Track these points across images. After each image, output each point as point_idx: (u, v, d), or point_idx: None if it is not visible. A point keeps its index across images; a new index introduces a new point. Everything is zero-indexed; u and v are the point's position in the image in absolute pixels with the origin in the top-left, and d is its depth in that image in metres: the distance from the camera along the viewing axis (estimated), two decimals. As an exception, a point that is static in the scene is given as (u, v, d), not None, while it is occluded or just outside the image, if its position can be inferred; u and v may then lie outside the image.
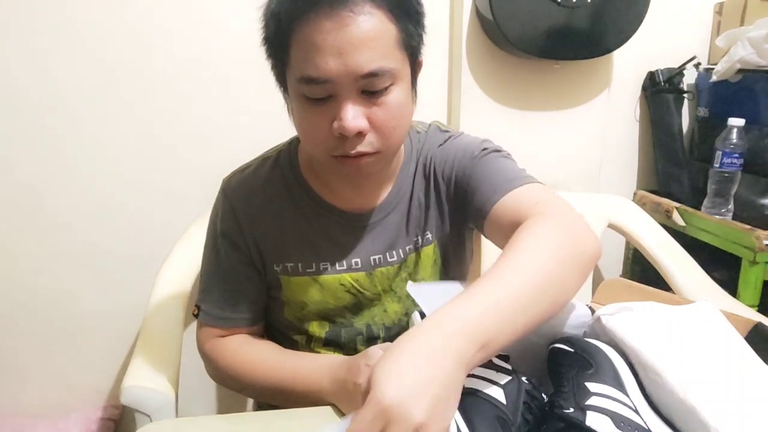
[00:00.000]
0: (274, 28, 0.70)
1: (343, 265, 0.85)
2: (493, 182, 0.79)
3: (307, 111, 0.71)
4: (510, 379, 0.60)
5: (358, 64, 0.67)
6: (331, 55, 0.66)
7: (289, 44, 0.69)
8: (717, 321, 0.67)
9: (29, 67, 1.36)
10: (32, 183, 1.42)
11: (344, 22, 0.65)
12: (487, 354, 0.55)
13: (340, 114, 0.69)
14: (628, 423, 0.53)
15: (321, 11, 0.65)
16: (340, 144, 0.71)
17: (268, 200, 0.84)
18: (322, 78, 0.67)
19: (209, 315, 0.87)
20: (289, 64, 0.70)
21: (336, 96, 0.69)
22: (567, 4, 1.44)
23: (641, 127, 1.75)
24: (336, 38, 0.65)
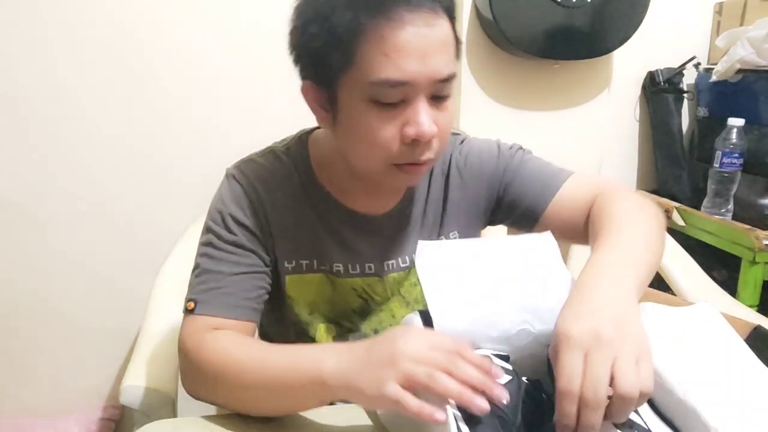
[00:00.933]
0: (336, 25, 0.64)
1: (357, 269, 0.83)
2: (539, 181, 0.83)
3: (374, 116, 0.67)
4: (510, 379, 0.60)
5: (438, 68, 0.65)
6: (415, 57, 0.64)
7: (357, 44, 0.64)
8: (717, 323, 0.67)
9: (27, 67, 1.36)
10: (31, 184, 1.42)
11: (429, 22, 0.64)
12: (638, 283, 0.62)
13: (417, 119, 0.66)
14: (628, 423, 0.53)
15: (405, 12, 0.63)
16: (408, 151, 0.69)
17: (283, 195, 0.80)
18: (404, 81, 0.64)
19: (210, 304, 0.75)
20: (354, 67, 0.65)
21: (410, 100, 0.66)
22: (567, 3, 1.44)
23: (641, 127, 1.75)
24: (421, 41, 0.64)
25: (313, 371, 0.62)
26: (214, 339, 0.73)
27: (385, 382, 0.56)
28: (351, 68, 0.66)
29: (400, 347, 0.57)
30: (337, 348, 0.64)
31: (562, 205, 0.81)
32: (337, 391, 0.61)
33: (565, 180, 0.83)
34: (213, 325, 0.75)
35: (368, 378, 0.58)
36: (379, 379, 0.57)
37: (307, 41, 0.68)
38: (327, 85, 0.69)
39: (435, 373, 0.55)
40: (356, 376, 0.59)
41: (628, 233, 0.68)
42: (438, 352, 0.56)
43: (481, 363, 0.57)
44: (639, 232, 0.69)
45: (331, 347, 0.65)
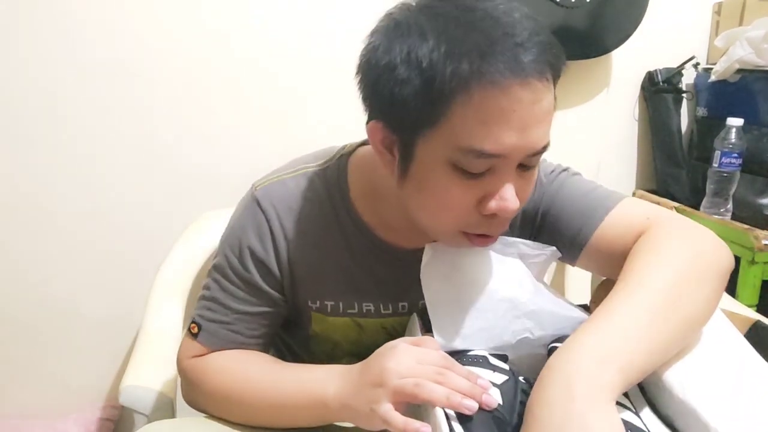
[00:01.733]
0: (433, 77, 0.55)
1: (389, 308, 0.77)
2: (583, 208, 0.73)
3: (454, 182, 0.59)
4: (506, 379, 0.60)
5: (535, 141, 0.58)
6: (516, 129, 0.56)
7: (453, 103, 0.55)
8: (717, 320, 0.67)
9: (27, 66, 1.36)
10: (31, 184, 1.41)
11: (538, 95, 0.56)
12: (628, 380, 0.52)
13: (503, 194, 0.58)
14: (629, 426, 0.53)
15: (518, 77, 0.54)
16: (483, 222, 0.61)
17: (312, 224, 0.73)
18: (498, 154, 0.56)
19: (213, 336, 0.74)
20: (441, 126, 0.56)
21: (496, 171, 0.58)
22: (565, 3, 1.44)
23: (640, 127, 1.75)
24: (525, 111, 0.55)
25: (318, 397, 0.64)
26: (214, 359, 0.74)
27: (376, 402, 0.58)
28: (439, 126, 0.57)
29: (388, 366, 0.58)
30: (339, 371, 0.65)
31: (608, 236, 0.70)
32: (338, 414, 0.63)
33: (611, 208, 0.71)
34: (208, 351, 0.75)
35: (362, 400, 0.59)
36: (371, 400, 0.58)
37: (392, 83, 0.57)
38: (404, 133, 0.60)
39: (421, 381, 0.56)
40: (352, 398, 0.61)
41: (641, 296, 0.57)
42: (425, 365, 0.58)
43: (469, 374, 0.58)
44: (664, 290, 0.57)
45: (334, 372, 0.66)
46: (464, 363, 0.61)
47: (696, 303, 0.59)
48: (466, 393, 0.55)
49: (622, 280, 0.60)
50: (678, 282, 0.58)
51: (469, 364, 0.61)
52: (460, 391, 0.55)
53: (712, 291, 0.61)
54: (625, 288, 0.58)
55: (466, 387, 0.55)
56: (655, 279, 0.58)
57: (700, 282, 0.60)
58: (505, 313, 0.67)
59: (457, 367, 0.59)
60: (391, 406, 0.57)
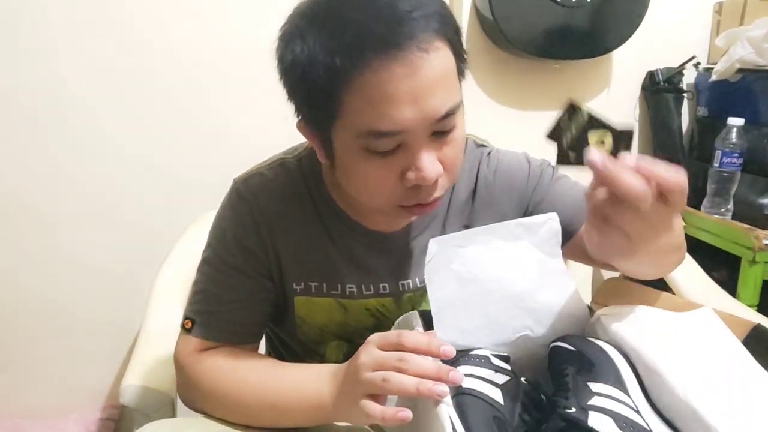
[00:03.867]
0: (316, 75, 0.59)
1: (371, 289, 0.79)
2: (571, 204, 0.78)
3: (370, 165, 0.62)
4: (508, 379, 0.60)
5: (433, 109, 0.59)
6: (406, 103, 0.58)
7: (342, 94, 0.58)
8: (717, 327, 0.68)
9: (27, 67, 1.36)
10: (30, 183, 1.42)
11: (417, 64, 0.57)
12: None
13: (418, 164, 0.61)
14: (630, 424, 0.53)
15: (389, 55, 0.56)
16: (413, 194, 0.64)
17: (292, 211, 0.76)
18: (396, 131, 0.59)
19: (206, 327, 0.75)
20: (342, 116, 0.60)
21: (407, 145, 0.61)
22: (566, 3, 1.44)
23: (641, 127, 1.75)
24: (410, 85, 0.57)
25: (314, 400, 0.66)
26: (211, 356, 0.74)
27: (357, 399, 0.59)
28: (340, 118, 0.61)
29: (358, 362, 0.60)
30: (332, 372, 0.66)
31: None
32: (334, 415, 0.65)
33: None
34: (210, 347, 0.76)
35: (347, 399, 0.61)
36: (352, 398, 0.60)
37: (293, 86, 0.63)
38: (319, 129, 0.65)
39: (389, 375, 0.57)
40: (341, 398, 0.63)
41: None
42: (387, 355, 0.59)
43: (429, 344, 0.58)
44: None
45: (326, 373, 0.67)
46: (466, 363, 0.61)
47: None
48: (432, 376, 0.56)
49: None
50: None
51: (470, 364, 0.61)
52: (426, 374, 0.56)
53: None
54: None
55: (432, 369, 0.56)
56: None
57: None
58: (506, 310, 0.67)
59: (411, 337, 0.59)
60: (369, 401, 0.58)
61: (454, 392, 0.58)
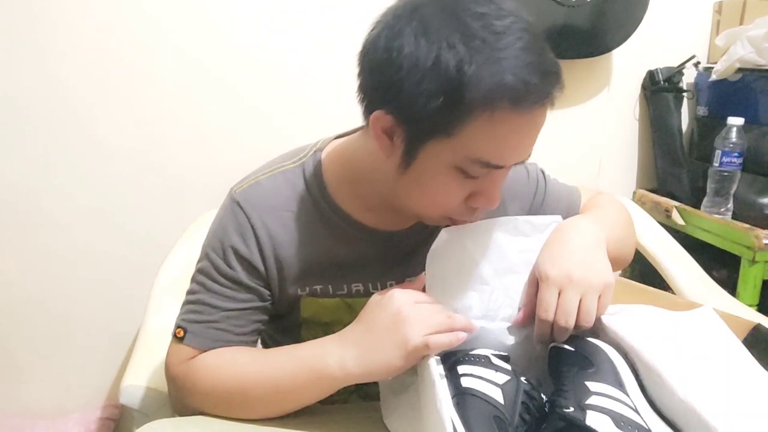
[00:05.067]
0: (455, 95, 0.58)
1: (377, 287, 0.79)
2: (565, 202, 0.89)
3: (453, 182, 0.65)
4: (508, 379, 0.60)
5: (527, 156, 0.66)
6: (519, 147, 0.64)
7: (470, 119, 0.59)
8: (717, 327, 0.68)
9: (26, 66, 1.36)
10: (30, 183, 1.42)
11: (541, 120, 0.63)
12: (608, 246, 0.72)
13: (491, 194, 0.67)
14: (629, 423, 0.53)
15: (532, 104, 0.60)
16: (467, 212, 0.69)
17: (293, 219, 0.76)
18: (500, 165, 0.63)
19: (200, 337, 0.74)
20: (454, 137, 0.60)
21: (490, 176, 0.65)
22: (566, 3, 1.44)
23: (641, 126, 1.75)
24: (529, 133, 0.63)
25: (319, 372, 0.65)
26: (205, 358, 0.73)
27: (407, 342, 0.62)
28: (454, 136, 0.61)
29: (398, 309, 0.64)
30: (333, 340, 0.68)
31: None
32: (349, 380, 0.65)
33: (579, 197, 0.91)
34: (197, 354, 0.75)
35: (392, 348, 0.63)
36: (401, 342, 0.62)
37: (416, 92, 0.59)
38: (415, 133, 0.63)
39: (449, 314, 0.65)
40: (375, 356, 0.64)
41: (606, 210, 0.83)
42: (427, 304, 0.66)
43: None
44: (615, 215, 0.83)
45: (327, 343, 0.68)
46: (466, 363, 0.61)
47: (630, 227, 0.88)
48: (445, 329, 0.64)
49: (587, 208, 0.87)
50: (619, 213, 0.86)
51: (470, 363, 0.61)
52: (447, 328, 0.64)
53: (632, 227, 0.89)
54: (593, 209, 0.85)
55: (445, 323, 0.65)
56: (609, 210, 0.84)
57: (627, 217, 0.88)
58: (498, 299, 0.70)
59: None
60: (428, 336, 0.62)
61: (455, 392, 0.58)
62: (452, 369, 0.61)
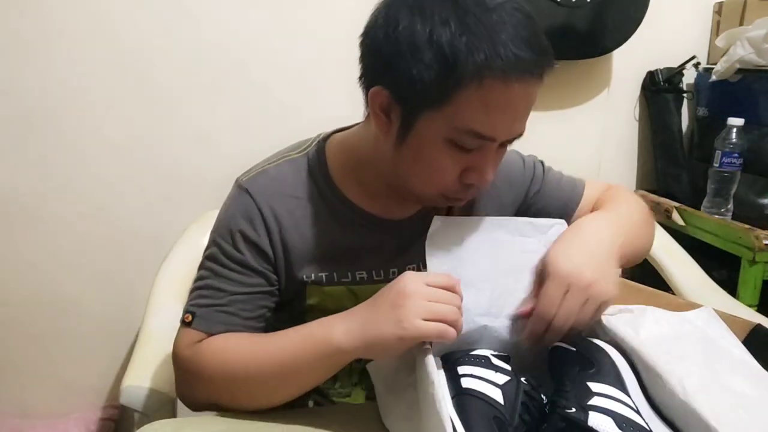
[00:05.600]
0: (455, 67, 0.61)
1: (381, 275, 0.81)
2: (564, 192, 0.89)
3: (444, 155, 0.67)
4: (508, 379, 0.60)
5: (519, 129, 0.68)
6: (510, 119, 0.66)
7: (461, 90, 0.62)
8: (717, 327, 0.68)
9: (26, 66, 1.36)
10: (30, 183, 1.42)
11: (532, 91, 0.65)
12: (623, 251, 0.73)
13: (483, 169, 0.69)
14: (630, 424, 0.53)
15: (522, 78, 0.62)
16: (462, 189, 0.71)
17: (299, 206, 0.78)
18: (493, 137, 0.66)
19: (207, 320, 0.74)
20: (446, 107, 0.64)
21: (483, 149, 0.67)
22: (566, 3, 1.44)
23: (641, 127, 1.75)
24: (519, 104, 0.65)
25: (325, 344, 0.66)
26: (209, 343, 0.73)
27: (406, 320, 0.61)
28: (446, 108, 0.64)
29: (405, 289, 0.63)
30: (340, 316, 0.68)
31: (585, 210, 0.87)
32: (354, 352, 0.65)
33: (583, 188, 0.90)
34: (204, 338, 0.75)
35: (388, 324, 0.63)
36: (398, 321, 0.62)
37: (411, 63, 0.63)
38: (409, 107, 0.66)
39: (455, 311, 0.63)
40: (373, 329, 0.64)
41: (625, 209, 0.81)
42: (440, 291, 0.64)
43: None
44: (634, 214, 0.82)
45: (332, 319, 0.68)
46: (466, 363, 0.61)
47: (649, 227, 0.87)
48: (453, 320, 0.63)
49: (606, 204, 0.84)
50: (638, 212, 0.84)
51: (470, 364, 0.61)
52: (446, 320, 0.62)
53: (653, 225, 0.90)
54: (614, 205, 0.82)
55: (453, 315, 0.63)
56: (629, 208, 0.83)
57: (647, 217, 0.87)
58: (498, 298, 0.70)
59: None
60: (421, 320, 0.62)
61: (455, 392, 0.58)
62: (452, 369, 0.61)
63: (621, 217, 0.79)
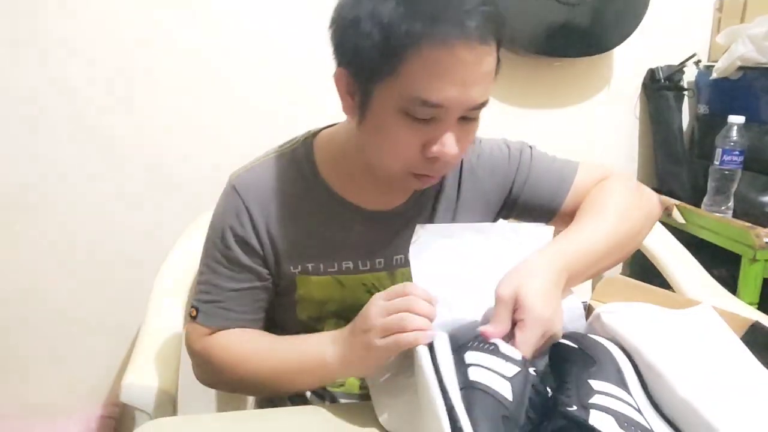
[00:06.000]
0: (391, 34, 0.64)
1: (366, 265, 0.83)
2: (553, 178, 0.87)
3: (403, 127, 0.68)
4: (518, 371, 0.58)
5: (474, 97, 0.67)
6: (457, 84, 0.65)
7: (405, 58, 0.64)
8: (716, 324, 0.67)
9: (28, 65, 1.36)
10: (31, 183, 1.42)
11: (479, 57, 0.65)
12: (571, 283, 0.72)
13: (443, 140, 0.69)
14: (632, 423, 0.53)
15: (460, 39, 0.63)
16: (427, 164, 0.71)
17: (286, 199, 0.81)
18: (441, 104, 0.66)
19: (210, 315, 0.81)
20: (396, 77, 0.66)
21: (439, 120, 0.68)
22: (567, 1, 1.44)
23: (641, 125, 1.75)
24: (465, 70, 0.65)
25: (317, 360, 0.72)
26: (220, 337, 0.81)
27: (371, 343, 0.66)
28: (393, 77, 0.66)
29: (368, 312, 0.67)
30: (331, 336, 0.73)
31: (577, 197, 0.85)
32: (339, 371, 0.71)
33: (575, 172, 0.87)
34: (212, 332, 0.82)
35: (358, 349, 0.68)
36: (366, 345, 0.66)
37: (356, 37, 0.66)
38: (364, 82, 0.69)
39: (404, 316, 0.64)
40: (350, 353, 0.69)
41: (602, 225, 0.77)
42: (394, 300, 0.66)
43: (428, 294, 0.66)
44: (613, 226, 0.77)
45: (326, 337, 0.74)
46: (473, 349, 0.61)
47: (636, 237, 0.82)
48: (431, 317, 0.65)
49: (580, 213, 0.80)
50: (624, 221, 0.79)
51: (478, 350, 0.61)
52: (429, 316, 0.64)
53: (647, 228, 0.84)
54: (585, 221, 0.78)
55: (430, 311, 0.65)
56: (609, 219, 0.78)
57: (639, 222, 0.82)
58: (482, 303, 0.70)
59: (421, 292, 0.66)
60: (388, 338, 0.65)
61: (462, 383, 0.57)
62: (459, 355, 0.60)
63: (583, 237, 0.75)
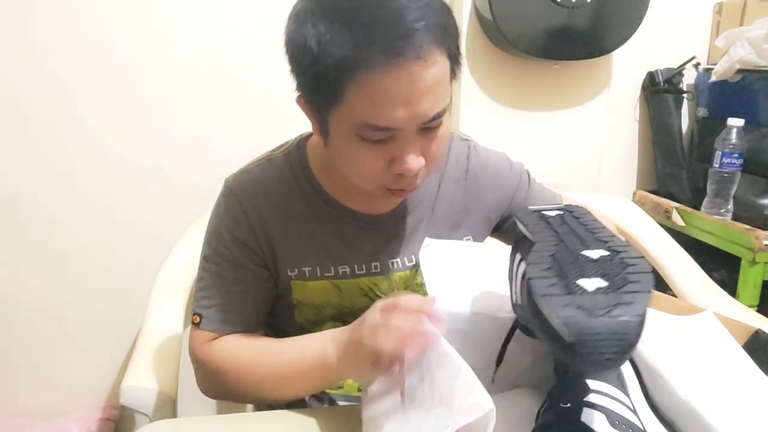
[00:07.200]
0: (327, 64, 0.62)
1: (363, 269, 0.83)
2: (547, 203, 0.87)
3: (362, 151, 0.68)
4: None
5: (424, 113, 0.65)
6: (401, 105, 0.63)
7: (345, 86, 0.63)
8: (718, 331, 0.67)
9: (26, 67, 1.36)
10: (30, 184, 1.42)
11: (416, 73, 0.62)
12: None
13: (403, 157, 0.67)
14: (624, 422, 0.53)
15: (393, 62, 0.61)
16: (397, 180, 0.70)
17: (281, 202, 0.80)
18: (389, 127, 0.65)
19: (212, 320, 0.80)
20: (342, 105, 0.65)
21: (396, 138, 0.66)
22: (566, 4, 1.44)
23: (641, 128, 1.75)
24: (408, 90, 0.63)
25: (320, 361, 0.70)
26: (223, 342, 0.79)
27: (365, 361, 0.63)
28: (339, 105, 0.65)
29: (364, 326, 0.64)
30: (332, 336, 0.71)
31: None
32: (340, 372, 0.70)
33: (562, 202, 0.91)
34: (215, 338, 0.81)
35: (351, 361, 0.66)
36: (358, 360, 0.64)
37: (300, 67, 0.67)
38: (318, 110, 0.69)
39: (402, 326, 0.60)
40: (346, 360, 0.68)
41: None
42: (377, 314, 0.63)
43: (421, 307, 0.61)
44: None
45: (328, 337, 0.71)
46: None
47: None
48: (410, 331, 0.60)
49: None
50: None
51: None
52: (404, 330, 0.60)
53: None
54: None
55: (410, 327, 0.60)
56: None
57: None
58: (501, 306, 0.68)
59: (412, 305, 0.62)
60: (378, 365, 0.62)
61: None
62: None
63: None
